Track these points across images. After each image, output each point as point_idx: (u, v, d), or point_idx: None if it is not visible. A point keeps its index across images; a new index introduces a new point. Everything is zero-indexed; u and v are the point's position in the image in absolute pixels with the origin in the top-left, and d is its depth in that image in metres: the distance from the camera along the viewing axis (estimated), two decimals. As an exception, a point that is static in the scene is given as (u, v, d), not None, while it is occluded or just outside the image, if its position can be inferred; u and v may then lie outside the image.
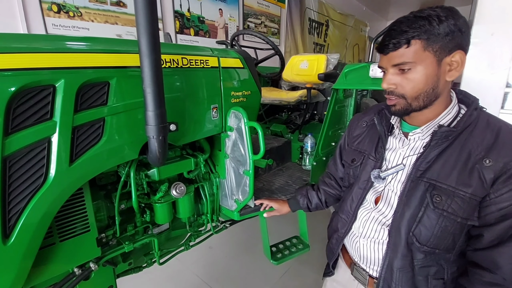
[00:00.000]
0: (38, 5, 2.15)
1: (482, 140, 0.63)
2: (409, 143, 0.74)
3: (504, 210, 0.60)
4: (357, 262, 0.84)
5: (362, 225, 0.80)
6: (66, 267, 0.89)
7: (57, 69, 0.71)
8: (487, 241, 0.63)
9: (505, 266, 0.61)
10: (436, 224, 0.65)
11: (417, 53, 0.62)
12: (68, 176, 0.76)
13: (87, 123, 0.78)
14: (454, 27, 0.60)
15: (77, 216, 0.87)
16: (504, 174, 0.59)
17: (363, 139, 0.88)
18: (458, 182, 0.63)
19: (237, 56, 1.32)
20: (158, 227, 1.25)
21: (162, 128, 0.83)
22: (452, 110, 0.69)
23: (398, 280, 0.71)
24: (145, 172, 1.04)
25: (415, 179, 0.69)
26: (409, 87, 0.65)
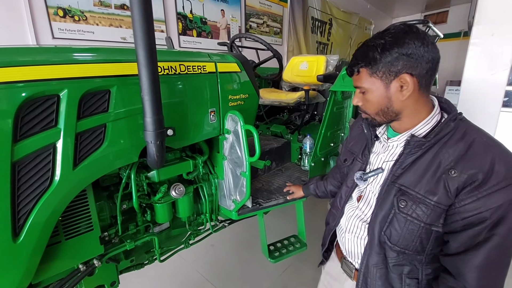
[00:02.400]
0: (45, 9, 2.23)
1: (454, 151, 0.66)
2: (389, 149, 0.79)
3: (467, 219, 0.62)
4: (345, 256, 0.89)
5: (347, 220, 0.86)
6: (71, 264, 0.95)
7: (61, 79, 0.76)
8: (453, 247, 0.66)
9: (467, 274, 0.63)
10: (404, 227, 0.69)
11: (365, 79, 0.71)
12: (72, 179, 0.82)
13: (89, 129, 0.83)
14: (397, 54, 0.65)
15: (81, 216, 0.93)
16: (469, 186, 0.61)
17: (356, 141, 0.94)
18: (426, 189, 0.66)
19: (234, 61, 1.36)
20: (158, 226, 1.31)
21: (159, 133, 0.87)
22: (431, 120, 0.72)
23: (373, 275, 0.76)
24: (145, 174, 1.09)
25: (389, 184, 0.73)
26: (367, 106, 0.74)
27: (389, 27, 0.69)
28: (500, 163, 0.60)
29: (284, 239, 1.65)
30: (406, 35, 0.65)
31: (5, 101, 0.68)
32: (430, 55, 0.66)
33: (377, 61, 0.67)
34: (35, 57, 0.74)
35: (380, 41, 0.66)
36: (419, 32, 0.66)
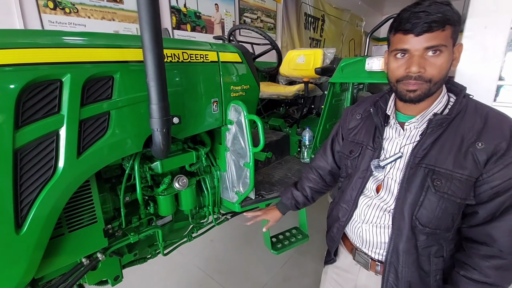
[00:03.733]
0: (34, 1, 2.15)
1: (472, 125, 0.67)
2: (405, 132, 0.77)
3: (497, 187, 0.65)
4: (358, 247, 0.87)
5: (363, 212, 0.83)
6: (74, 257, 0.92)
7: (63, 63, 0.73)
8: (482, 217, 0.68)
9: (500, 238, 0.65)
10: (437, 207, 0.69)
11: (447, 38, 0.64)
12: (76, 168, 0.79)
13: (93, 117, 0.80)
14: (460, 19, 0.64)
15: (84, 208, 0.90)
16: (495, 155, 0.64)
17: (359, 131, 0.90)
18: (455, 165, 0.66)
19: (236, 51, 1.34)
20: (161, 219, 1.28)
21: (166, 121, 0.85)
22: (442, 99, 0.73)
23: (405, 262, 0.74)
24: (148, 165, 1.06)
25: (414, 166, 0.72)
26: (437, 71, 0.66)
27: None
28: None
29: (286, 231, 1.65)
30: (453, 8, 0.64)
31: (6, 85, 0.65)
32: None
33: (458, 21, 0.63)
34: (36, 40, 0.71)
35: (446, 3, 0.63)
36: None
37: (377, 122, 0.83)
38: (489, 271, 0.67)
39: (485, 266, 0.67)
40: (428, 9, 0.62)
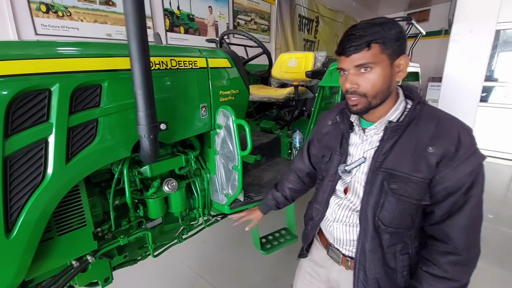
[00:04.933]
0: (27, 5, 2.16)
1: (426, 130, 0.72)
2: (367, 138, 0.82)
3: (449, 188, 0.69)
4: (332, 243, 0.92)
5: (334, 211, 0.88)
6: (64, 260, 0.95)
7: (52, 74, 0.76)
8: (439, 216, 0.72)
9: (454, 236, 0.70)
10: (396, 208, 0.74)
11: (376, 55, 0.69)
12: (65, 174, 0.81)
13: (81, 124, 0.83)
14: (400, 34, 0.70)
15: (74, 212, 0.92)
16: (445, 158, 0.69)
17: (330, 137, 0.94)
18: (411, 168, 0.71)
19: (225, 56, 1.38)
20: (151, 221, 1.31)
21: (152, 127, 0.88)
22: (399, 106, 0.78)
23: (371, 260, 0.79)
24: (137, 169, 1.09)
25: (375, 170, 0.76)
26: (370, 86, 0.72)
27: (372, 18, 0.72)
28: (464, 135, 0.69)
29: (275, 232, 1.68)
30: (396, 24, 0.71)
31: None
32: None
33: (390, 37, 0.68)
34: (26, 51, 0.74)
35: (383, 20, 0.69)
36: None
37: (343, 129, 0.88)
38: (447, 267, 0.71)
39: (443, 262, 0.72)
40: (355, 32, 0.70)
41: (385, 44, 0.69)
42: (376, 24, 0.69)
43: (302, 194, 1.18)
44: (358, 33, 0.69)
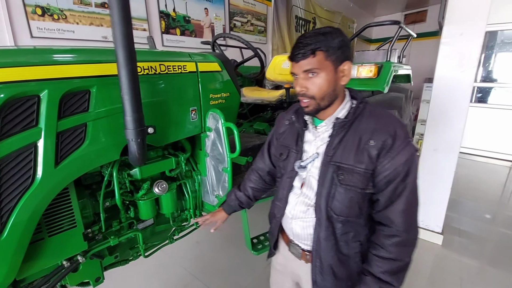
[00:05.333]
0: (22, 8, 2.18)
1: (367, 126, 0.81)
2: (319, 135, 0.89)
3: (388, 176, 0.77)
4: (292, 239, 0.97)
5: (292, 208, 0.93)
6: (55, 260, 0.97)
7: (41, 80, 0.79)
8: (382, 203, 0.80)
9: (396, 220, 0.78)
10: (345, 197, 0.81)
11: (320, 61, 0.77)
12: (54, 177, 0.84)
13: (70, 129, 0.86)
14: (343, 43, 0.77)
15: (64, 213, 0.95)
16: (384, 150, 0.77)
17: (287, 135, 1.00)
18: (355, 160, 0.79)
19: (215, 60, 1.40)
20: (143, 222, 1.33)
21: (140, 131, 0.91)
22: (346, 105, 0.86)
23: (326, 248, 0.85)
24: (127, 171, 1.12)
25: (326, 164, 0.84)
26: (317, 89, 0.79)
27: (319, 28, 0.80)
28: (399, 128, 0.78)
29: (266, 233, 1.71)
30: (340, 33, 0.79)
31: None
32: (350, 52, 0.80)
33: (333, 46, 0.76)
34: (14, 59, 0.76)
35: (327, 30, 0.77)
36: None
37: (298, 127, 0.94)
38: (391, 248, 0.79)
39: (388, 244, 0.79)
40: (303, 40, 0.77)
41: (328, 51, 0.76)
42: (321, 34, 0.76)
43: (264, 193, 1.23)
44: (305, 42, 0.76)
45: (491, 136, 4.95)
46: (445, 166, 2.38)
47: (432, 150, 2.41)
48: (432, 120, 2.35)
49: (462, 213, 3.05)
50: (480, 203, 3.29)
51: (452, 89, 2.24)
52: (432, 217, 2.54)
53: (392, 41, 1.86)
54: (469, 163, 4.80)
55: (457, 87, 2.21)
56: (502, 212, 3.11)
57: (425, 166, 2.47)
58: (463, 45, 2.14)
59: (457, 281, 2.04)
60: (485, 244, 2.51)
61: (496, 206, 3.25)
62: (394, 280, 0.79)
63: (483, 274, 2.11)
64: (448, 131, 2.30)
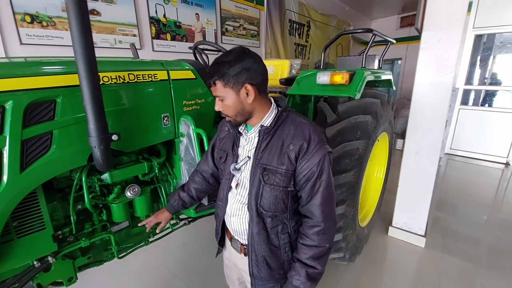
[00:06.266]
0: (12, 16, 2.25)
1: (288, 131, 0.90)
2: (250, 140, 0.97)
3: (306, 176, 0.87)
4: (233, 235, 1.07)
5: (230, 207, 1.03)
6: (25, 260, 1.02)
7: (5, 92, 0.84)
8: (304, 199, 0.91)
9: (315, 212, 0.89)
10: (271, 195, 0.91)
11: (221, 89, 0.87)
12: (19, 182, 0.89)
13: (35, 136, 0.91)
14: (240, 68, 0.84)
15: (32, 216, 1.00)
16: (301, 152, 0.87)
17: (226, 140, 1.07)
18: (278, 162, 0.89)
19: (190, 68, 1.46)
20: (117, 224, 1.39)
21: (103, 138, 0.96)
22: (271, 113, 0.94)
23: (259, 241, 0.95)
24: (97, 176, 1.17)
25: (255, 166, 0.93)
26: (226, 111, 0.91)
27: (231, 49, 0.88)
28: (314, 133, 0.88)
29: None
30: (244, 55, 0.85)
31: (-51, 113, 0.75)
32: (262, 69, 0.88)
33: (227, 75, 0.84)
34: (-21, 72, 0.82)
35: (226, 59, 0.84)
36: (252, 52, 0.87)
37: (233, 134, 1.02)
38: (314, 237, 0.90)
39: (311, 233, 0.91)
40: (209, 70, 0.88)
41: (224, 80, 0.85)
42: (221, 63, 0.84)
43: (207, 193, 1.30)
44: (209, 71, 0.87)
45: (483, 138, 4.97)
46: (427, 170, 2.41)
47: (414, 153, 2.44)
48: (412, 124, 2.39)
49: (450, 215, 3.08)
50: (469, 205, 3.32)
51: (432, 94, 2.28)
52: (415, 220, 2.56)
53: (367, 48, 1.91)
54: (461, 165, 4.82)
55: (436, 92, 2.25)
56: (496, 215, 3.13)
57: (407, 169, 2.51)
58: (441, 51, 2.18)
59: (435, 282, 2.07)
60: (479, 247, 2.53)
61: (485, 208, 3.27)
62: (317, 264, 0.91)
63: (477, 276, 2.14)
64: (429, 135, 2.33)
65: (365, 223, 2.34)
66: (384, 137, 2.45)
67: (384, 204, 2.90)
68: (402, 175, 2.55)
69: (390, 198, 3.02)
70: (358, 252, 2.24)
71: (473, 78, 5.03)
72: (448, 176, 4.31)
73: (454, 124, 5.17)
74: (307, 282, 0.91)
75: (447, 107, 2.25)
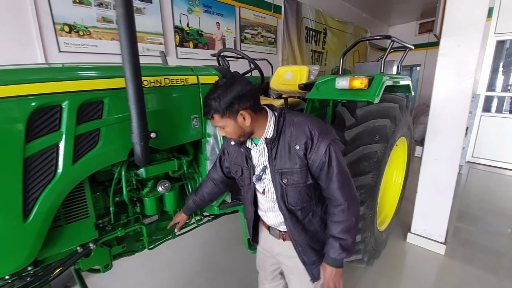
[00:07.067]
0: (52, 26, 2.46)
1: (291, 134, 1.00)
2: (260, 152, 1.07)
3: (317, 166, 0.98)
4: (271, 225, 1.20)
5: (264, 205, 1.16)
6: (70, 245, 1.13)
7: (62, 93, 0.96)
8: (323, 186, 1.03)
9: (335, 195, 1.00)
10: (294, 193, 1.04)
11: (219, 120, 0.97)
12: (72, 173, 1.01)
13: (86, 133, 1.03)
14: (230, 100, 0.92)
15: (79, 204, 1.12)
16: (308, 149, 0.98)
17: (236, 156, 1.18)
18: (291, 163, 1.00)
19: (216, 73, 1.56)
20: (149, 217, 1.49)
21: (144, 136, 1.06)
22: (270, 123, 1.03)
23: (297, 233, 1.09)
24: (134, 171, 1.28)
25: (273, 172, 1.04)
26: (229, 135, 1.02)
27: (217, 82, 0.96)
28: (313, 128, 0.98)
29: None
30: (231, 85, 0.93)
31: (19, 110, 0.87)
32: (251, 91, 0.96)
33: (220, 108, 0.93)
34: (42, 76, 0.94)
35: (216, 94, 0.93)
36: (239, 78, 0.95)
37: (243, 150, 1.11)
38: (340, 214, 1.01)
39: (337, 211, 1.02)
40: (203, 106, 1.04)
41: (219, 113, 0.94)
42: (212, 99, 0.93)
43: (219, 196, 1.46)
44: (205, 107, 0.98)
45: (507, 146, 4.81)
46: (446, 175, 2.40)
47: (433, 159, 2.44)
48: (432, 129, 2.40)
49: (471, 225, 3.01)
50: (492, 216, 3.22)
51: (451, 100, 2.28)
52: (434, 226, 2.54)
53: (385, 54, 1.95)
54: (483, 174, 4.69)
55: (456, 98, 2.25)
56: (512, 225, 3.04)
57: (426, 175, 2.50)
58: (460, 57, 2.19)
59: (455, 289, 2.05)
60: (492, 258, 2.47)
61: (509, 219, 3.17)
62: (348, 236, 1.02)
63: (486, 286, 2.10)
64: (448, 141, 2.33)
65: (383, 228, 2.35)
66: (403, 142, 2.46)
67: (401, 211, 2.88)
68: (421, 181, 2.54)
69: (407, 205, 3.00)
70: (376, 256, 2.25)
71: (495, 84, 4.92)
72: (469, 185, 4.21)
73: (475, 132, 5.05)
74: (342, 252, 1.02)
75: (467, 113, 2.24)
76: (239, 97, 0.93)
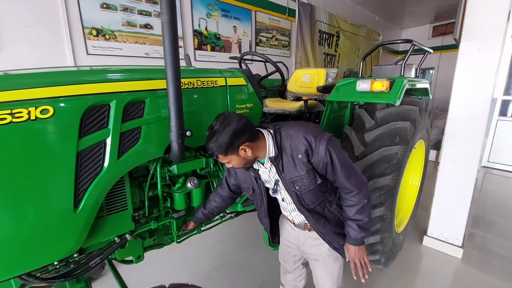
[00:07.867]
0: (81, 30, 2.59)
1: (290, 146, 1.12)
2: (268, 169, 1.21)
3: (322, 166, 1.11)
4: (295, 223, 1.35)
5: (285, 209, 1.33)
6: (110, 235, 1.21)
7: (111, 93, 1.04)
8: (331, 179, 1.16)
9: (345, 184, 1.13)
10: (309, 195, 1.18)
11: (224, 158, 1.09)
12: (116, 167, 1.08)
13: (129, 130, 1.11)
14: (229, 140, 1.03)
15: (119, 197, 1.19)
16: (310, 155, 1.09)
17: (244, 177, 1.32)
18: (298, 171, 1.13)
19: (241, 76, 1.63)
20: (177, 212, 1.56)
21: (181, 134, 1.14)
22: (269, 144, 1.14)
23: (322, 225, 1.24)
24: (167, 167, 1.35)
25: (286, 184, 1.17)
26: (237, 166, 1.14)
27: (212, 126, 1.06)
28: (308, 135, 1.09)
29: (283, 231, 1.87)
30: (225, 126, 1.03)
31: (75, 108, 0.96)
32: (245, 124, 1.06)
33: (222, 149, 1.04)
34: (93, 77, 1.02)
35: (215, 138, 1.03)
36: (231, 117, 1.05)
37: (252, 173, 1.25)
38: (352, 198, 1.15)
39: (349, 197, 1.16)
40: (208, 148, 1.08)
41: (222, 152, 1.05)
42: (213, 142, 1.04)
43: (227, 208, 1.58)
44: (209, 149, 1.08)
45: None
46: (464, 179, 2.40)
47: (451, 162, 2.44)
48: (450, 133, 2.41)
49: (487, 231, 2.98)
50: (507, 221, 3.19)
51: (471, 103, 2.29)
52: (451, 230, 2.54)
53: (406, 57, 1.99)
54: (499, 180, 4.62)
55: (475, 101, 2.26)
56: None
57: (444, 178, 2.50)
58: (480, 61, 2.20)
59: (473, 292, 2.05)
60: (508, 263, 2.45)
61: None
62: (363, 216, 1.15)
63: None
64: (467, 144, 2.34)
65: (400, 229, 2.37)
66: (421, 144, 2.48)
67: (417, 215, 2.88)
68: (439, 184, 2.54)
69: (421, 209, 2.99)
70: (393, 258, 2.27)
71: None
72: (485, 190, 4.15)
73: (491, 136, 4.98)
74: (361, 232, 1.16)
75: (487, 116, 2.25)
76: (236, 135, 1.03)
